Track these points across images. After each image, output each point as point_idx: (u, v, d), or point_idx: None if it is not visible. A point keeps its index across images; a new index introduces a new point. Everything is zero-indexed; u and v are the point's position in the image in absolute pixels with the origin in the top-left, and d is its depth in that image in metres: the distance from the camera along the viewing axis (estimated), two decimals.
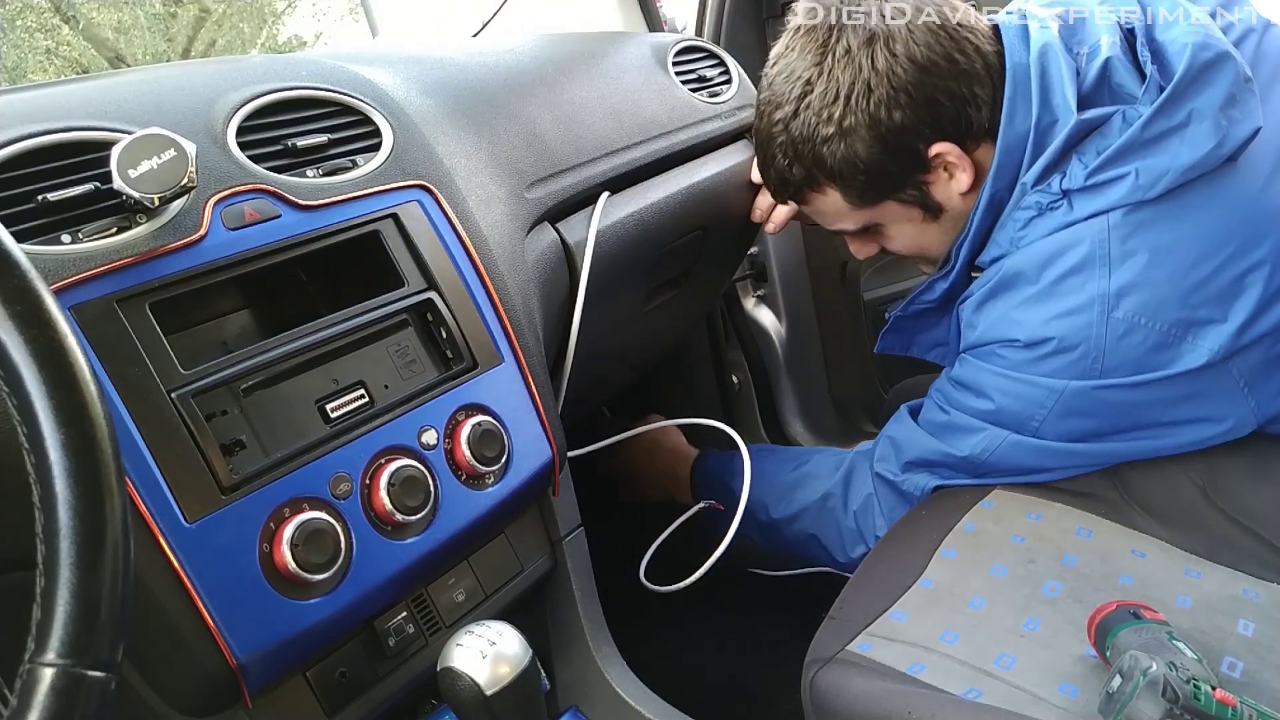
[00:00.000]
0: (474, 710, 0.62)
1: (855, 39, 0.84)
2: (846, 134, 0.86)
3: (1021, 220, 0.85)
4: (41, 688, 0.36)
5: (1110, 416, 0.84)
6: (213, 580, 0.57)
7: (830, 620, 0.81)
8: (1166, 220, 0.79)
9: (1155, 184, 0.78)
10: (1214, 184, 0.78)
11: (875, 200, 0.93)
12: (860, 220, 0.96)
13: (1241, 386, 0.81)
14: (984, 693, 0.69)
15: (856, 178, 0.89)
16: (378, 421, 0.67)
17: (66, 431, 0.38)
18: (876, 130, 0.85)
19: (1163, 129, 0.78)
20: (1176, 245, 0.78)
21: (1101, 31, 0.84)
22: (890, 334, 1.08)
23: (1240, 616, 0.73)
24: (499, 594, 0.79)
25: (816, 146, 0.88)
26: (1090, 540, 0.83)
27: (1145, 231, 0.79)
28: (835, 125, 0.86)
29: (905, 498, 0.98)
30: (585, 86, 1.02)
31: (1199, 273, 0.78)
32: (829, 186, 0.92)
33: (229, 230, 0.64)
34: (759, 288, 1.62)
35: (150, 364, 0.58)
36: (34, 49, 5.42)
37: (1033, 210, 0.84)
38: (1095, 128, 0.81)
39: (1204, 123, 0.77)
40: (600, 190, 0.96)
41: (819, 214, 0.99)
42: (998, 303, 0.87)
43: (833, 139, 0.87)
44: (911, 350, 1.09)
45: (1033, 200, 0.84)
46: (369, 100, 0.79)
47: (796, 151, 0.90)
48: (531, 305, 0.82)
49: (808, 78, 0.87)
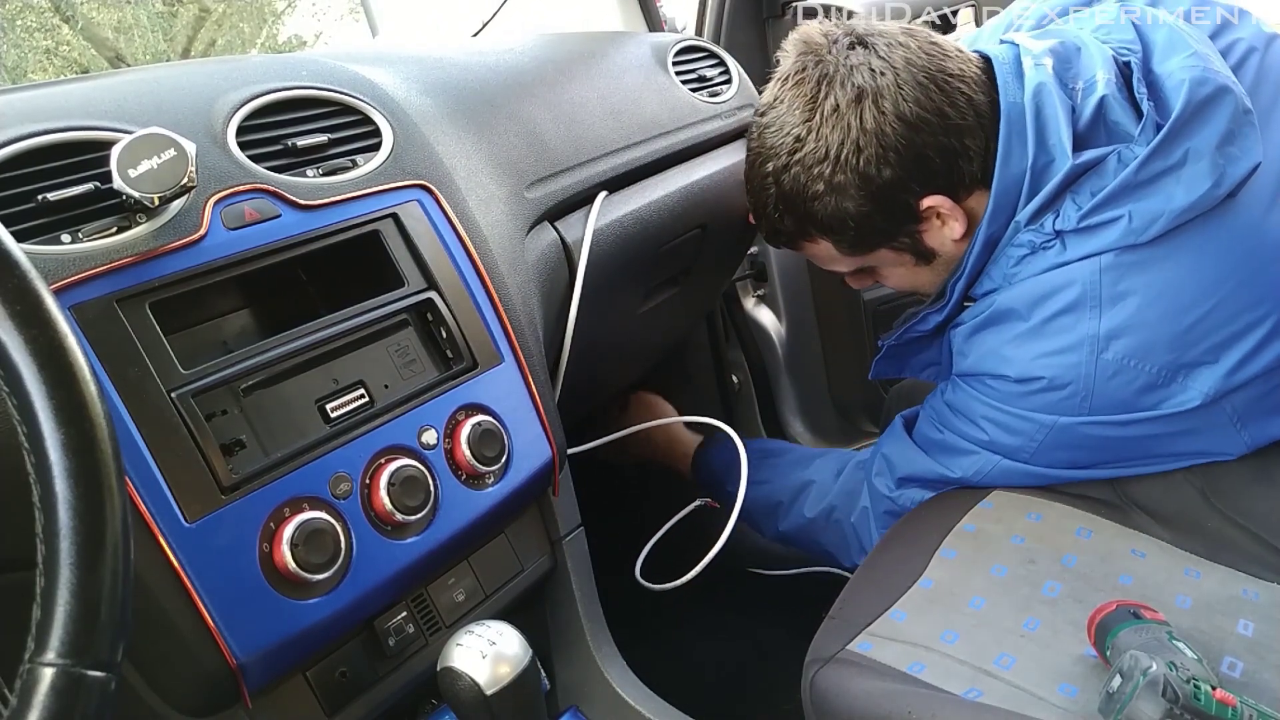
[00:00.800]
0: (474, 710, 0.62)
1: (844, 96, 0.83)
2: (836, 191, 0.86)
3: (1014, 257, 0.85)
4: (41, 687, 0.36)
5: (1099, 450, 0.85)
6: (213, 580, 0.57)
7: (830, 620, 0.81)
8: (1160, 263, 0.78)
9: (1149, 227, 0.77)
10: (1210, 223, 0.77)
11: (867, 250, 0.94)
12: (853, 265, 0.98)
13: (1234, 422, 0.80)
14: (984, 692, 0.69)
15: (847, 231, 0.90)
16: (378, 421, 0.67)
17: (66, 431, 0.38)
18: (867, 188, 0.85)
19: (1158, 170, 0.77)
20: (1169, 289, 0.78)
21: (1097, 66, 0.83)
22: (884, 361, 1.08)
23: (1240, 616, 0.73)
24: (499, 594, 0.79)
25: (807, 202, 0.89)
26: (1090, 540, 0.83)
27: (1137, 274, 0.78)
28: (825, 183, 0.86)
29: (899, 513, 0.98)
30: (585, 86, 1.02)
31: (1192, 315, 0.77)
32: (820, 238, 0.93)
33: (229, 230, 0.64)
34: (759, 288, 1.62)
35: (150, 364, 0.58)
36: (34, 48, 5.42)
37: (1025, 249, 0.84)
38: (1090, 168, 0.81)
39: (1200, 163, 0.76)
40: (599, 189, 0.96)
41: (813, 258, 1.00)
42: (988, 336, 0.87)
43: (823, 195, 0.87)
44: (905, 373, 1.10)
45: (1025, 239, 0.84)
46: (369, 100, 0.79)
47: (788, 204, 0.91)
48: (531, 305, 0.82)
49: (797, 134, 0.87)
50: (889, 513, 0.99)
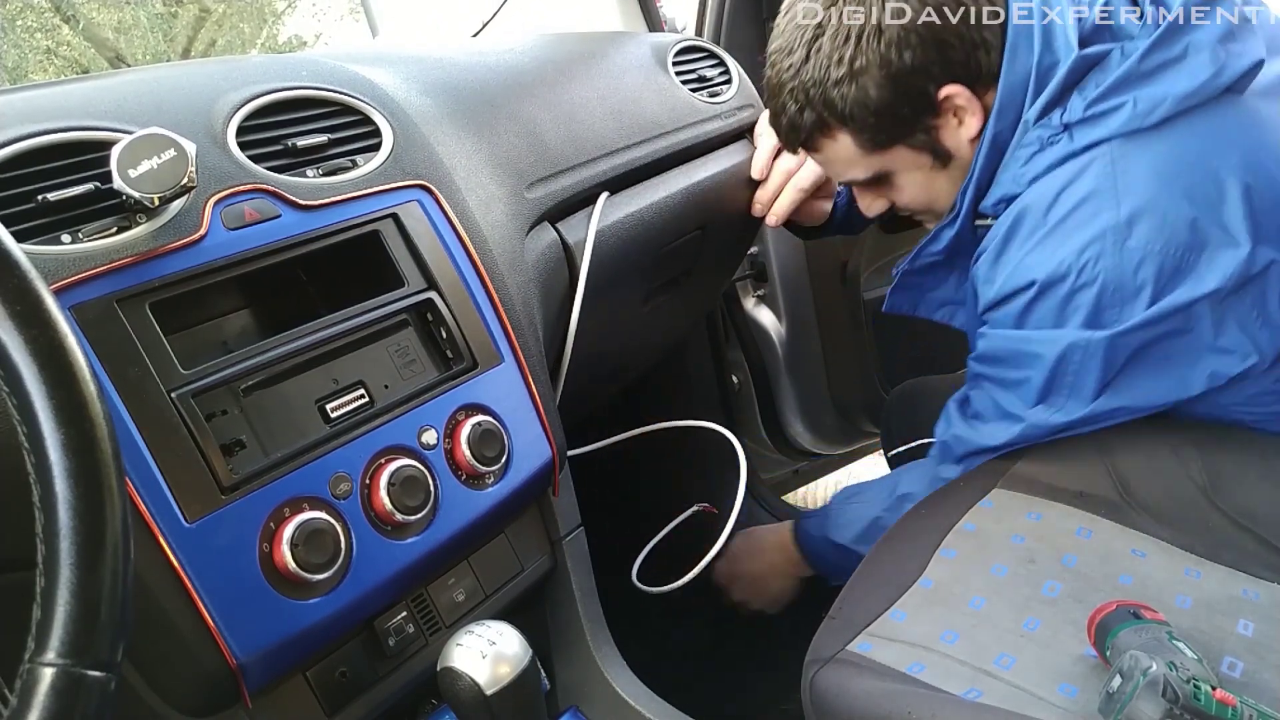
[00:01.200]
0: (474, 710, 0.62)
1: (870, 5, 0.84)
2: (857, 75, 0.86)
3: (1023, 157, 0.85)
4: (41, 687, 0.36)
5: (1136, 360, 0.83)
6: (213, 580, 0.57)
7: (830, 620, 0.81)
8: (1169, 146, 0.79)
9: (1153, 111, 0.78)
10: (1215, 111, 0.79)
11: (886, 145, 0.92)
12: (871, 168, 0.96)
13: (1255, 317, 0.80)
14: (984, 693, 0.69)
15: (867, 119, 0.89)
16: (378, 421, 0.67)
17: (66, 431, 0.38)
18: (887, 70, 0.85)
19: (1160, 61, 0.79)
20: (1181, 169, 0.79)
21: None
22: (897, 291, 1.07)
23: (1240, 616, 0.73)
24: (499, 594, 0.79)
25: (828, 89, 0.88)
26: (1090, 540, 0.83)
27: (1148, 157, 0.79)
28: (846, 66, 0.86)
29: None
30: (585, 86, 1.02)
31: (1205, 194, 0.78)
32: (840, 130, 0.92)
33: (229, 230, 0.64)
34: (759, 288, 1.62)
35: (150, 364, 0.58)
36: (34, 49, 5.42)
37: (1034, 145, 0.84)
38: (1095, 64, 0.82)
39: (1201, 54, 0.78)
40: (600, 190, 0.96)
41: (830, 162, 0.99)
42: (1011, 251, 0.86)
43: (844, 81, 0.87)
44: (919, 310, 1.08)
45: (1034, 136, 0.84)
46: (369, 100, 0.79)
47: (808, 96, 0.90)
48: (531, 305, 0.82)
49: (819, 21, 0.87)
50: None
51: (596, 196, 0.95)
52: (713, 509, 1.18)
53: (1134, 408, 0.87)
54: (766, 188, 1.14)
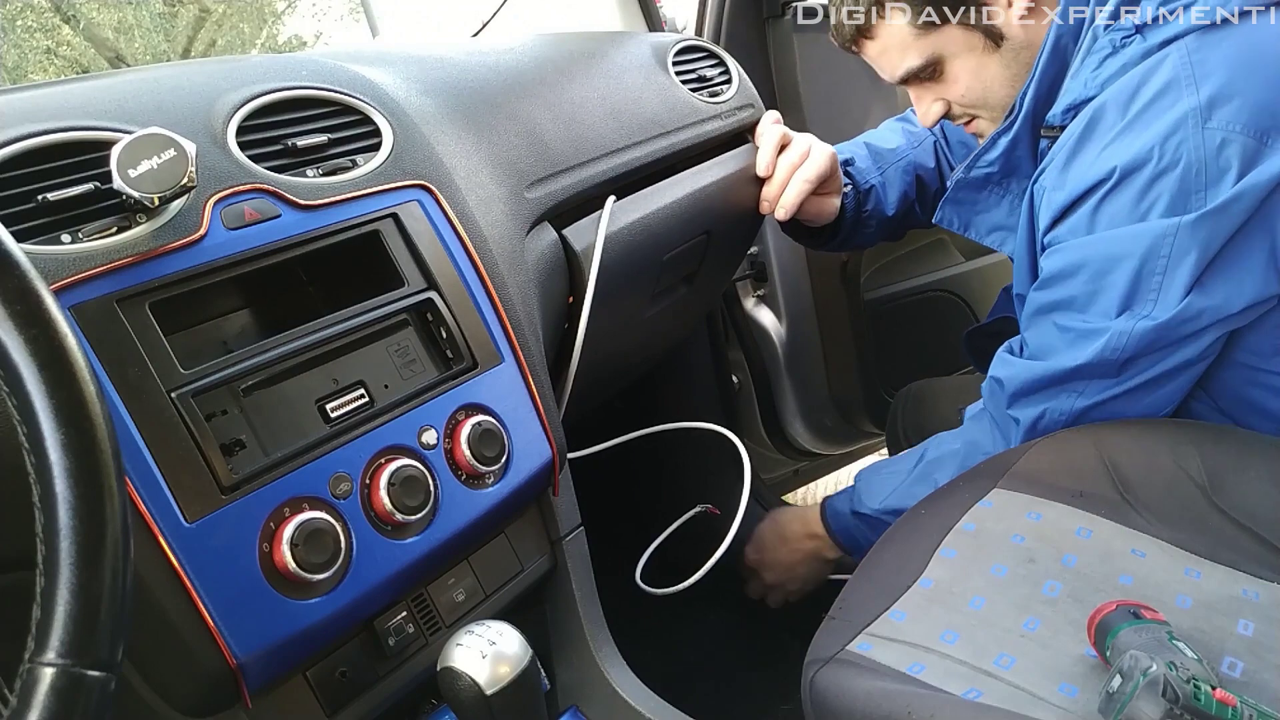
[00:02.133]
0: (474, 710, 0.62)
1: None
2: None
3: (1094, 62, 0.85)
4: (41, 687, 0.36)
5: (1223, 253, 0.82)
6: (213, 580, 0.57)
7: (830, 620, 0.81)
8: (1241, 36, 0.79)
9: (1227, 3, 0.79)
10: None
11: (939, 22, 0.93)
12: (923, 52, 0.96)
13: None
14: (984, 693, 0.69)
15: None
16: (378, 421, 0.67)
17: (66, 431, 0.39)
18: None
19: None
20: (1256, 58, 0.79)
21: None
22: (948, 205, 1.06)
23: (1240, 616, 0.73)
24: (499, 594, 0.79)
25: None
26: (1090, 540, 0.83)
27: (1223, 48, 0.79)
28: None
29: (1010, 436, 0.96)
30: (585, 86, 1.02)
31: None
32: (895, 9, 0.93)
33: (229, 230, 0.64)
34: (759, 288, 1.62)
35: (150, 364, 0.58)
36: (34, 49, 5.42)
37: (1106, 49, 0.85)
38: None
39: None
40: (602, 191, 0.95)
41: (884, 52, 0.99)
42: (1087, 148, 0.85)
43: None
44: (970, 230, 1.07)
45: (1105, 41, 0.84)
46: (369, 100, 0.79)
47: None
48: (531, 305, 0.82)
49: None
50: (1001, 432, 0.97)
51: (600, 198, 0.95)
52: (715, 510, 1.18)
53: (1220, 310, 0.84)
54: (773, 183, 1.14)
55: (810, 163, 1.12)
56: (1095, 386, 0.90)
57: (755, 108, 1.19)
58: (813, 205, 1.15)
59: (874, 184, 1.21)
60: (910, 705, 0.67)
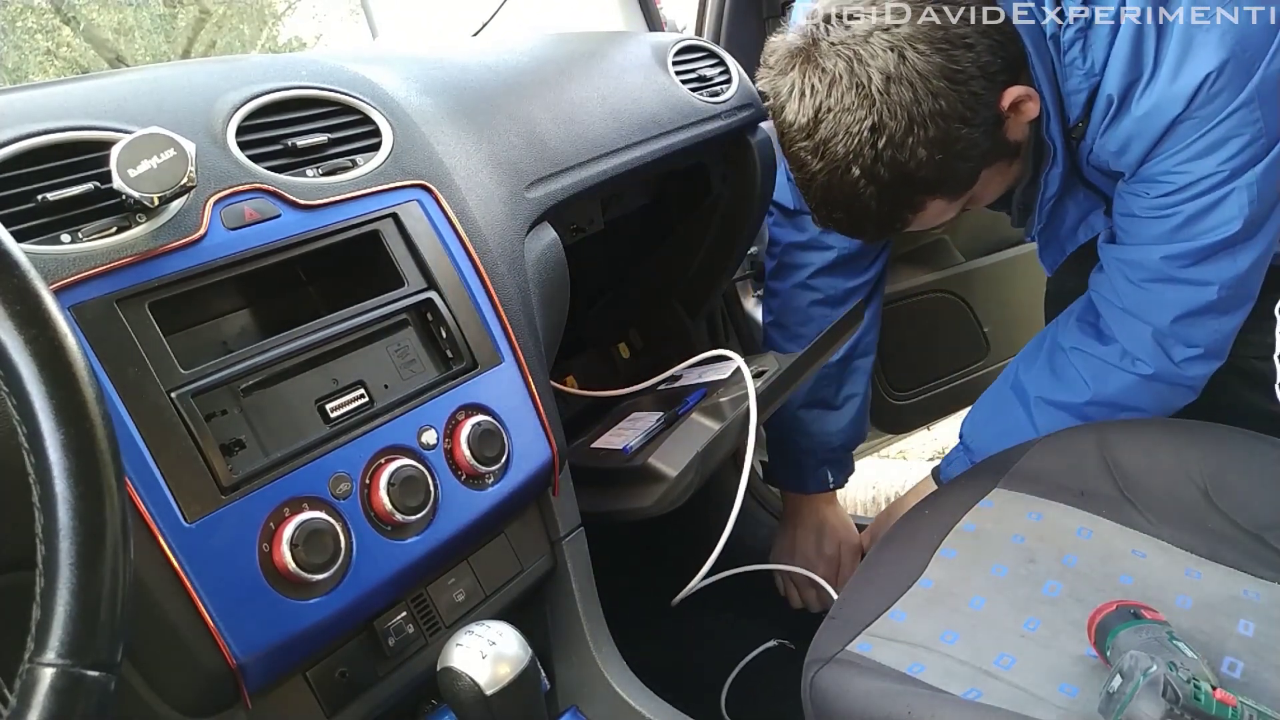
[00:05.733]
0: (474, 710, 0.62)
1: (881, 59, 0.82)
2: (935, 144, 0.84)
3: (1077, 49, 0.85)
4: (41, 688, 0.36)
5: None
6: (212, 580, 0.57)
7: (830, 620, 0.81)
8: None
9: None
10: None
11: (973, 181, 0.93)
12: (959, 205, 0.96)
13: None
14: (984, 693, 0.69)
15: (958, 176, 0.89)
16: (377, 421, 0.67)
17: (66, 431, 0.38)
18: (963, 117, 0.84)
19: None
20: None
21: None
22: (1046, 253, 1.07)
23: (1240, 616, 0.73)
24: (499, 594, 0.79)
25: (912, 175, 0.86)
26: (1090, 540, 0.83)
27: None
28: (926, 146, 0.84)
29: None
30: (585, 86, 1.02)
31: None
32: (929, 200, 0.91)
33: (229, 230, 0.64)
34: (759, 288, 1.62)
35: (150, 364, 0.58)
36: (34, 50, 5.42)
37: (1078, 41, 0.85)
38: None
39: None
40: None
41: (918, 225, 0.97)
42: (1146, 95, 0.85)
43: (926, 161, 0.85)
44: (1068, 249, 1.08)
45: (1069, 36, 0.85)
46: (369, 100, 0.79)
47: (893, 191, 0.88)
48: (531, 305, 0.82)
49: (871, 124, 0.83)
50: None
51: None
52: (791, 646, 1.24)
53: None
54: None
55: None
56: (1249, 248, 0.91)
57: (755, 107, 1.19)
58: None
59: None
60: (910, 705, 0.67)
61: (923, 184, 0.88)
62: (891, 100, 0.82)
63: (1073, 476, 0.90)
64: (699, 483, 0.89)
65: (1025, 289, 1.48)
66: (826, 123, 0.85)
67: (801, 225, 1.22)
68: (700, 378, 1.08)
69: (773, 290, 1.28)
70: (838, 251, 1.19)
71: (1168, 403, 1.01)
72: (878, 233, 0.96)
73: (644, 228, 1.30)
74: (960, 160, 0.88)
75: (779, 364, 1.00)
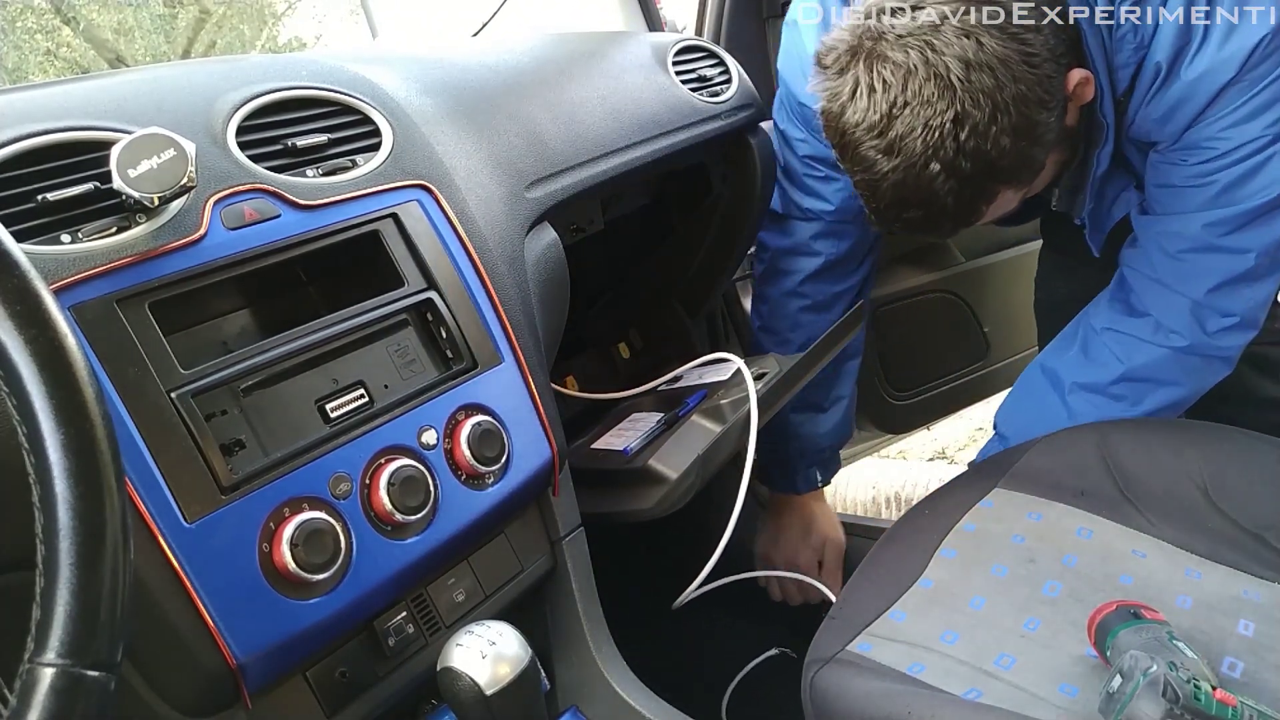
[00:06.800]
0: (474, 710, 0.62)
1: (952, 49, 0.79)
2: (1019, 131, 0.82)
3: (1129, 27, 0.85)
4: (41, 688, 0.36)
5: None
6: (212, 580, 0.57)
7: (830, 620, 0.81)
8: None
9: None
10: None
11: (1042, 166, 0.90)
12: (1023, 195, 0.94)
13: None
14: (984, 693, 0.69)
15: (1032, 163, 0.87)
16: (377, 421, 0.67)
17: (66, 431, 0.38)
18: (1044, 98, 0.83)
19: None
20: None
21: None
22: (1094, 233, 1.07)
23: (1240, 616, 0.73)
24: (499, 594, 0.79)
25: (994, 164, 0.83)
26: (1090, 540, 0.83)
27: None
28: (1010, 134, 0.81)
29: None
30: (585, 86, 1.02)
31: None
32: (1003, 189, 0.89)
33: (229, 230, 0.64)
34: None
35: (150, 364, 0.58)
36: (34, 50, 5.43)
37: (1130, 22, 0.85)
38: None
39: None
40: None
41: (988, 217, 0.95)
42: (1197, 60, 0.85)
43: (1010, 148, 0.82)
44: (1105, 226, 1.07)
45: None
46: (369, 100, 0.79)
47: (974, 183, 0.85)
48: (531, 305, 0.82)
49: (954, 114, 0.80)
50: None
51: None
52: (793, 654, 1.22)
53: None
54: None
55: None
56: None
57: (755, 107, 1.19)
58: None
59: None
60: (910, 705, 0.67)
61: (1002, 173, 0.85)
62: (973, 88, 0.79)
63: (1073, 476, 0.90)
64: (699, 485, 0.89)
65: (1025, 289, 1.48)
66: (902, 118, 0.81)
67: (789, 230, 1.21)
68: (700, 379, 1.08)
69: (761, 295, 1.27)
70: (825, 257, 1.19)
71: (1203, 377, 1.00)
72: (954, 228, 0.92)
73: (644, 228, 1.30)
74: (1038, 146, 0.85)
75: (780, 366, 1.00)
